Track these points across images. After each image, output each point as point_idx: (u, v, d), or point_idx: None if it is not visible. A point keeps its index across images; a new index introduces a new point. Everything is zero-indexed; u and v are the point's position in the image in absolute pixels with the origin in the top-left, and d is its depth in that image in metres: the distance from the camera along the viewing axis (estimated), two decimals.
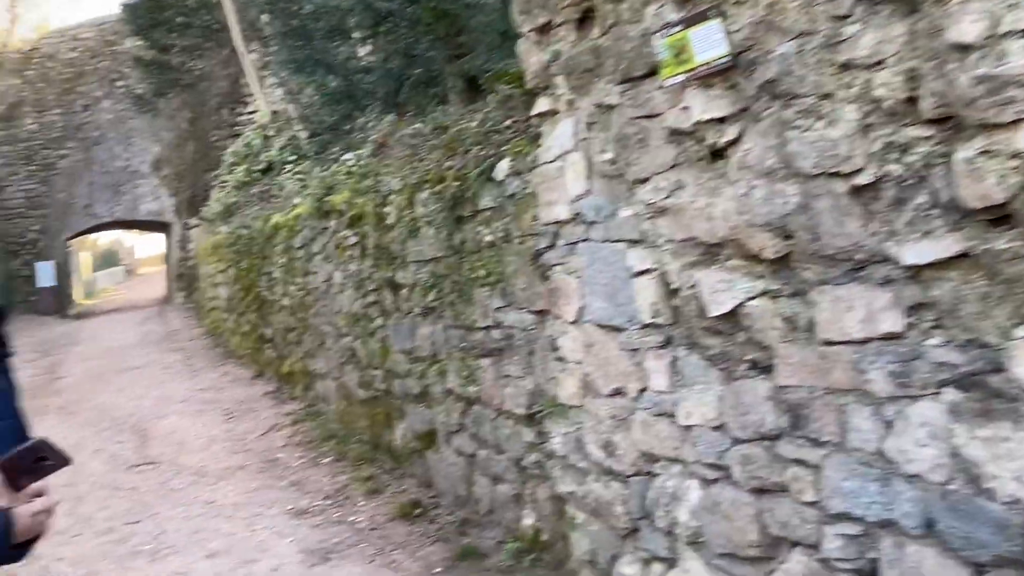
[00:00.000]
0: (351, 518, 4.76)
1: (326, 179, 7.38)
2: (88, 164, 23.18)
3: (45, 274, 23.29)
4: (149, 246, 50.94)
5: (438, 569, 3.91)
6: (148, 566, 4.25)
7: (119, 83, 22.49)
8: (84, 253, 35.77)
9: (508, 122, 4.27)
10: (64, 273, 24.20)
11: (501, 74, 4.72)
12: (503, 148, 3.99)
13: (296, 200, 8.91)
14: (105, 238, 45.71)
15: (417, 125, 6.11)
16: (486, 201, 4.03)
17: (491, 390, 4.19)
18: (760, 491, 2.48)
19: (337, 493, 5.23)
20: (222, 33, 16.38)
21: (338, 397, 6.89)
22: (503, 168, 3.85)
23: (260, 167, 14.25)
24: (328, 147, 10.68)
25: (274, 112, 15.17)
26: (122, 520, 5.04)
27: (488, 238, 4.04)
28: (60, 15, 24.55)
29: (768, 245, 2.29)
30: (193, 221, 20.64)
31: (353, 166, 6.93)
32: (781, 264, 2.31)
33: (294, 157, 12.85)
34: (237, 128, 19.17)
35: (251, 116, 18.36)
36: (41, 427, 5.37)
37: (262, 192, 12.72)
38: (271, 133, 14.74)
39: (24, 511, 1.41)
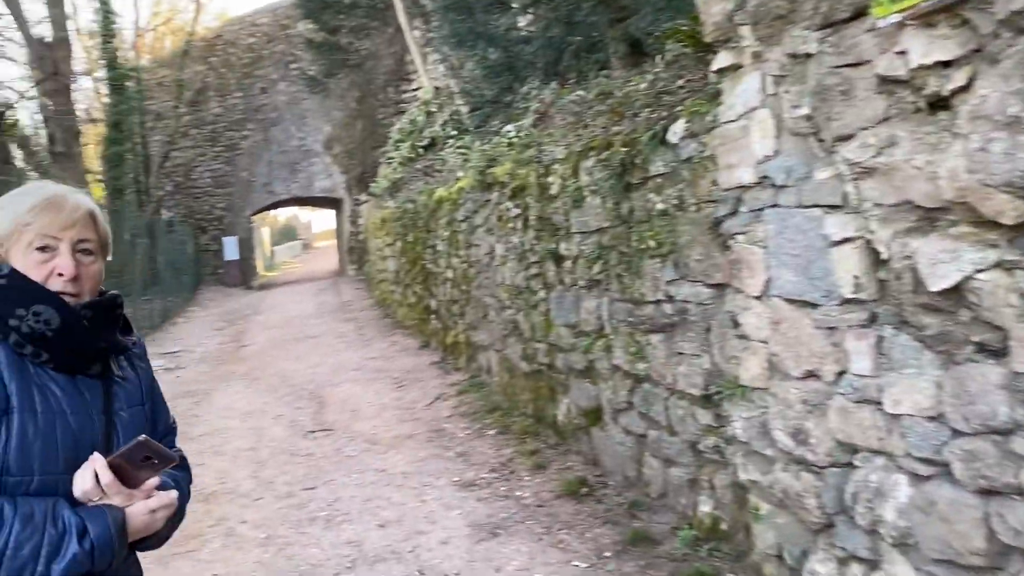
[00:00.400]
0: (517, 493, 4.71)
1: (487, 152, 7.34)
2: (267, 144, 24.62)
3: (230, 248, 25.07)
4: (324, 221, 53.79)
5: (608, 553, 3.77)
6: (323, 533, 4.37)
7: (293, 66, 23.67)
8: (265, 228, 38.27)
9: (680, 82, 4.01)
10: (247, 247, 25.96)
11: (670, 32, 4.44)
12: (676, 109, 3.73)
13: (459, 174, 8.97)
14: (283, 214, 48.70)
15: (579, 92, 5.92)
16: (657, 167, 3.79)
17: (662, 368, 3.97)
18: (988, 492, 2.14)
19: (502, 467, 5.20)
20: (387, 12, 16.79)
21: (501, 369, 6.89)
22: (677, 130, 3.60)
23: (424, 143, 14.54)
24: (489, 120, 10.68)
25: (436, 88, 15.36)
26: (300, 485, 5.24)
27: (659, 206, 3.80)
28: (239, 3, 26.13)
29: (1007, 208, 1.94)
30: (362, 197, 21.47)
31: (514, 137, 6.85)
32: (1022, 231, 1.96)
33: (456, 132, 13.03)
34: (402, 105, 19.68)
35: (415, 93, 18.72)
36: (227, 392, 5.72)
37: (426, 167, 12.98)
38: (434, 109, 14.95)
39: (138, 509, 1.41)
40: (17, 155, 17.74)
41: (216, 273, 25.25)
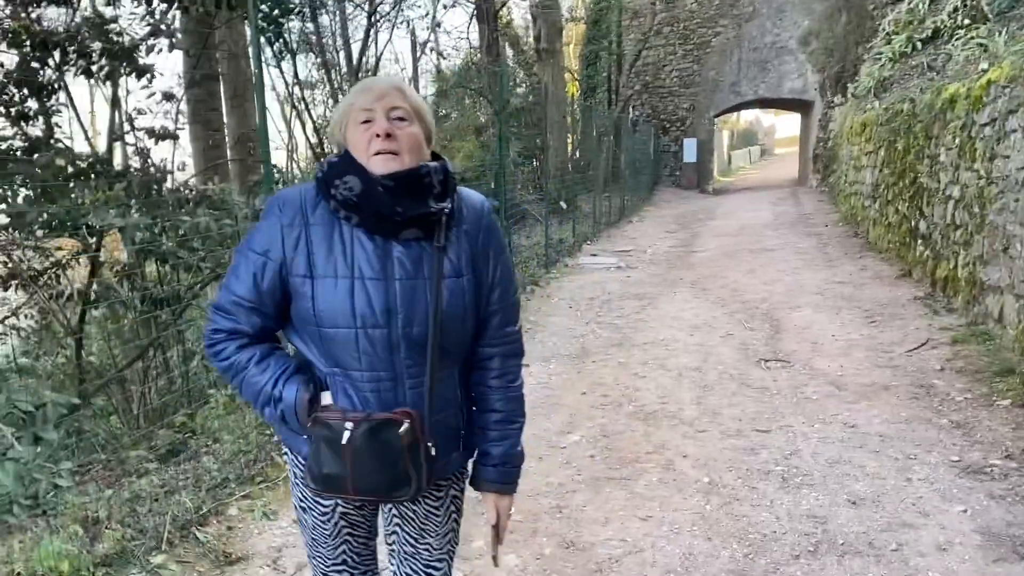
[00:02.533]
0: None
1: None
2: (738, 41, 23.44)
3: (690, 150, 24.81)
4: (786, 126, 51.18)
5: None
6: (778, 494, 3.62)
7: None
8: (725, 131, 37.39)
9: None
10: (706, 150, 25.43)
11: None
12: None
13: (982, 66, 7.10)
14: (745, 117, 47.18)
15: None
16: None
17: None
18: None
19: None
20: None
21: (1021, 320, 5.29)
22: None
23: (923, 35, 12.39)
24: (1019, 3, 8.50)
25: None
26: (750, 424, 4.52)
27: None
28: None
29: None
30: (837, 99, 19.42)
31: None
32: None
33: (969, 20, 10.75)
34: None
35: None
36: (674, 300, 5.12)
37: (925, 63, 10.94)
38: None
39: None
40: (508, 53, 19.24)
41: (673, 175, 25.30)
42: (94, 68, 4.48)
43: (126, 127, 5.25)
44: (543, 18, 17.17)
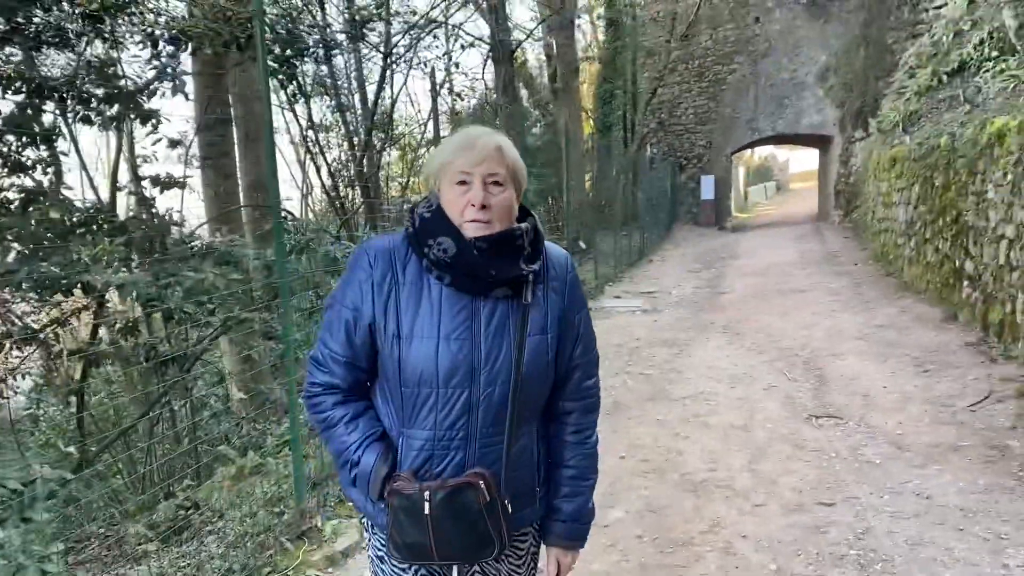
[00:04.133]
0: None
1: None
2: (754, 78, 23.20)
3: (707, 187, 24.47)
4: (802, 161, 50.93)
5: None
6: None
7: None
8: (740, 168, 37.12)
9: None
10: (723, 187, 25.09)
11: None
12: None
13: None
14: (759, 153, 46.96)
15: None
16: None
17: None
18: None
19: None
20: None
21: None
22: None
23: (949, 68, 12.09)
24: None
25: (971, 1, 12.67)
26: (811, 495, 4.08)
27: None
28: None
29: None
30: (858, 134, 19.10)
31: None
32: None
33: (996, 53, 10.46)
34: (919, 27, 16.85)
35: (939, 10, 15.84)
36: (707, 347, 4.62)
37: (961, 95, 10.60)
38: (965, 27, 12.34)
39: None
40: (523, 93, 19.08)
41: (691, 212, 24.95)
42: (92, 114, 4.15)
43: (129, 176, 4.94)
44: (558, 58, 17.01)
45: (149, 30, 4.58)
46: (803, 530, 3.68)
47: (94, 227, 4.39)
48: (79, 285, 3.75)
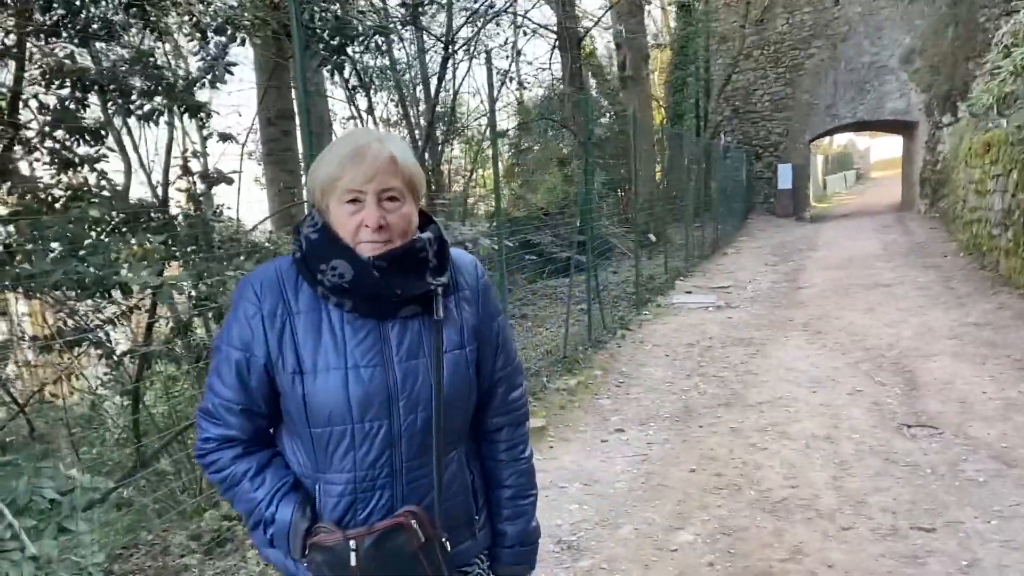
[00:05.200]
0: None
1: None
2: (833, 62, 22.22)
3: (784, 176, 23.59)
4: (883, 148, 49.06)
5: None
6: None
7: None
8: (818, 156, 35.83)
9: None
10: (801, 175, 24.14)
11: None
12: None
13: None
14: (838, 141, 45.33)
15: None
16: None
17: None
18: None
19: None
20: None
21: None
22: None
23: None
24: None
25: None
26: (906, 518, 3.65)
27: None
28: None
29: None
30: (946, 119, 18.07)
31: None
32: None
33: None
34: (1015, 3, 15.79)
35: None
36: (786, 347, 4.00)
37: None
38: None
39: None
40: (591, 82, 18.65)
41: (767, 202, 24.13)
42: (132, 107, 4.00)
43: (179, 172, 4.81)
44: (628, 45, 16.53)
45: (195, 20, 4.42)
46: (898, 560, 3.27)
47: (139, 225, 4.26)
48: (117, 286, 3.60)
